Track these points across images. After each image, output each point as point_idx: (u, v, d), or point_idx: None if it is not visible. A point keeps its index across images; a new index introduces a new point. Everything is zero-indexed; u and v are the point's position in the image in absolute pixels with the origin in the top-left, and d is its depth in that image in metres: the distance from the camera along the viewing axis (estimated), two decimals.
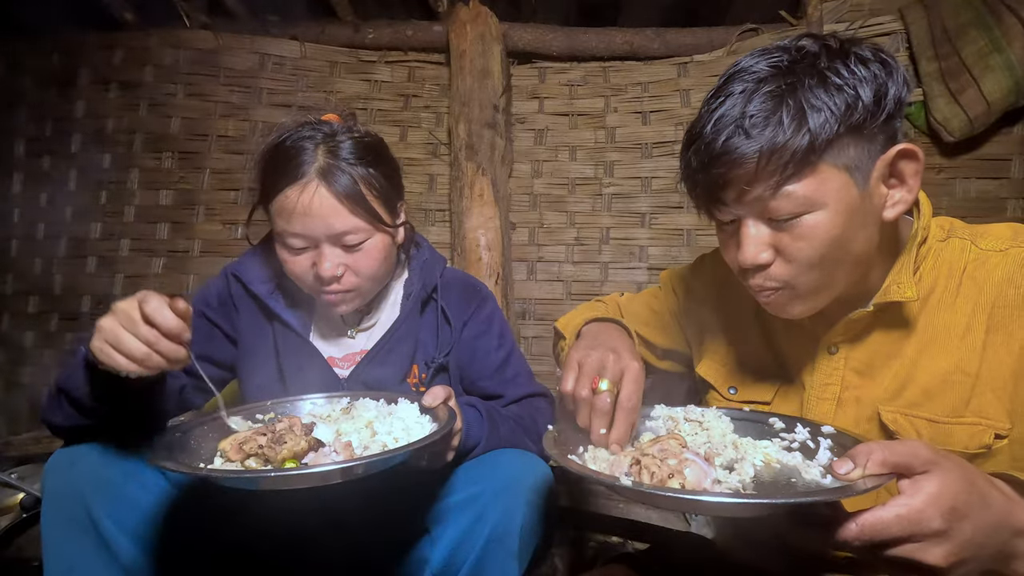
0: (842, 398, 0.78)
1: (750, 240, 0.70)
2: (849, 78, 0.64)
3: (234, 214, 2.15)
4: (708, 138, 0.68)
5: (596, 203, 2.11)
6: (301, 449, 0.70)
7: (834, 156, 0.65)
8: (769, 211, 0.68)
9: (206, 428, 0.77)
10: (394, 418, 0.80)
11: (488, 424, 0.89)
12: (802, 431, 0.72)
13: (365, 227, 0.92)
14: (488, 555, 0.77)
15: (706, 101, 0.72)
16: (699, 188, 0.73)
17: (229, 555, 0.89)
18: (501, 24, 2.05)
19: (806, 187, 0.65)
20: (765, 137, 0.64)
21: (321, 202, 0.88)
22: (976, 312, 0.72)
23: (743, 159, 0.65)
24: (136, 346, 0.68)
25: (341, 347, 1.03)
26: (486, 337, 1.05)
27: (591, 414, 0.71)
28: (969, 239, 0.75)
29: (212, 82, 2.17)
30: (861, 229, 0.69)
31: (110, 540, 0.76)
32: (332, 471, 0.64)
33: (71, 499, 0.76)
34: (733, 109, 0.67)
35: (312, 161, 0.89)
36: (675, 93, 2.08)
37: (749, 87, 0.67)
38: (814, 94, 0.64)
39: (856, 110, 0.64)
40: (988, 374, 0.70)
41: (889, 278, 0.74)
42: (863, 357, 0.78)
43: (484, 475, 0.83)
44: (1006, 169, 1.82)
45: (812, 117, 0.63)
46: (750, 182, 0.67)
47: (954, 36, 1.73)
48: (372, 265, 0.94)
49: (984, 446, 0.69)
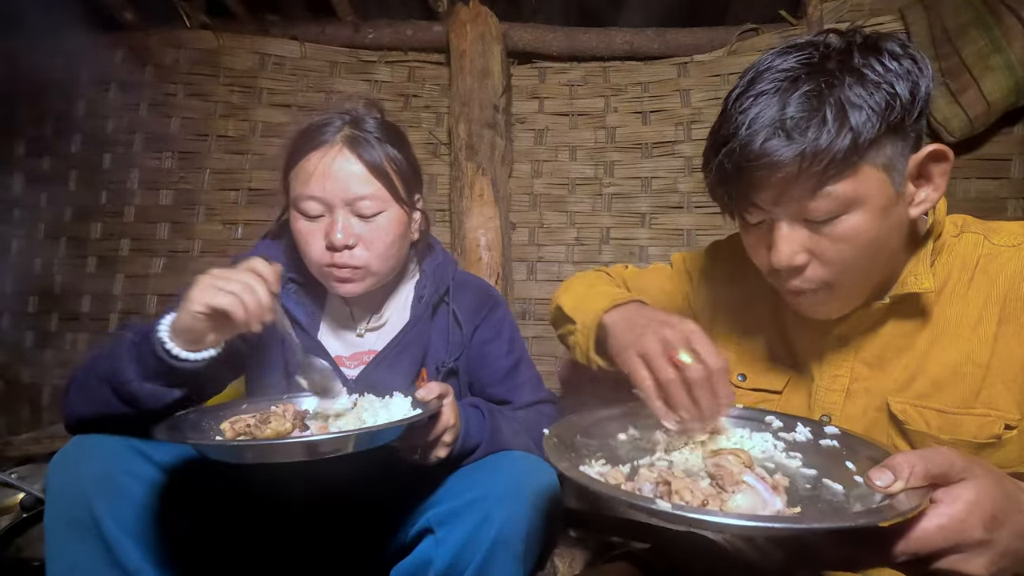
0: (851, 389, 0.78)
1: (784, 242, 0.69)
2: (885, 74, 0.63)
3: (234, 214, 2.15)
4: (743, 140, 0.66)
5: (596, 203, 2.11)
6: (285, 430, 0.76)
7: (874, 155, 0.64)
8: (807, 212, 0.66)
9: (220, 414, 0.81)
10: (384, 410, 0.81)
11: (490, 425, 0.89)
12: (803, 431, 0.71)
13: (383, 196, 0.94)
14: (493, 557, 0.76)
15: (732, 101, 0.69)
16: (732, 191, 0.70)
17: (231, 555, 0.89)
18: (501, 24, 2.05)
19: (846, 187, 0.64)
20: (808, 139, 0.62)
21: (343, 164, 0.92)
22: (988, 304, 0.72)
23: (784, 161, 0.63)
24: (236, 286, 0.72)
25: (349, 346, 1.03)
26: (496, 342, 1.05)
27: (692, 390, 0.65)
28: (982, 234, 0.76)
29: (212, 82, 2.17)
30: (895, 229, 0.69)
31: (112, 541, 0.76)
32: (302, 443, 0.69)
33: (74, 499, 0.76)
34: (769, 109, 0.65)
35: (338, 131, 0.94)
36: (675, 93, 2.08)
37: (784, 86, 0.65)
38: (854, 92, 0.62)
39: (895, 108, 0.63)
40: (999, 365, 0.70)
41: (906, 271, 0.74)
42: (874, 349, 0.78)
43: (490, 477, 0.83)
44: (1006, 169, 1.82)
45: (854, 116, 0.62)
46: (789, 184, 0.65)
47: (954, 36, 1.73)
48: (385, 240, 0.94)
49: (994, 436, 0.69)
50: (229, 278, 0.73)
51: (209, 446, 0.69)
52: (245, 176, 2.15)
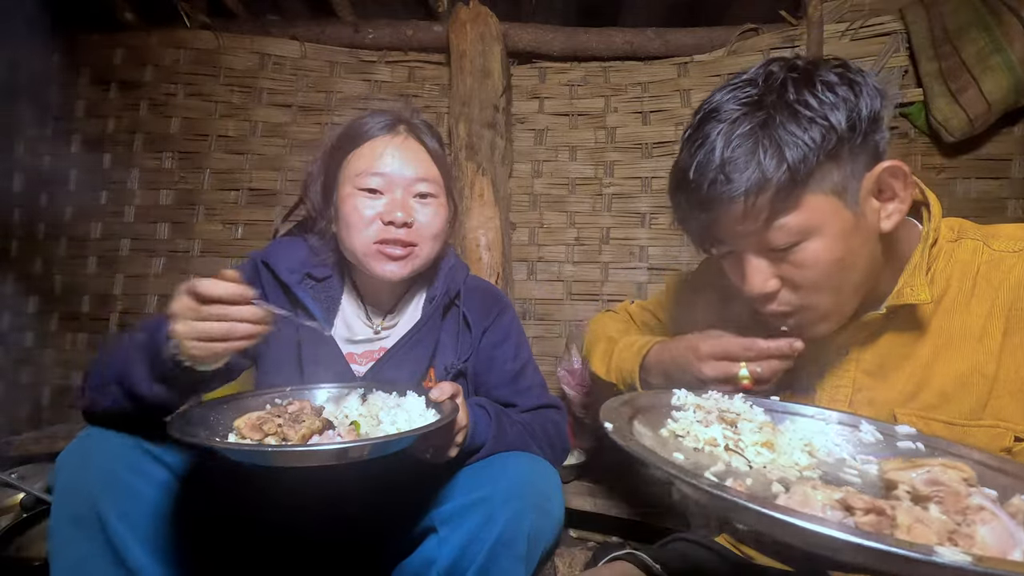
0: (854, 400, 0.78)
1: (754, 271, 0.72)
2: (819, 108, 0.65)
3: (234, 214, 2.15)
4: (693, 184, 0.69)
5: (596, 203, 2.11)
6: (316, 428, 0.74)
7: (818, 184, 0.65)
8: (766, 243, 0.69)
9: (225, 407, 0.80)
10: (400, 409, 0.81)
11: (496, 426, 0.89)
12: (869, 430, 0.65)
13: (439, 182, 1.01)
14: (496, 558, 0.76)
15: (685, 142, 0.73)
16: (693, 228, 0.75)
17: (235, 554, 0.89)
18: (501, 24, 2.05)
19: (797, 218, 0.66)
20: (746, 178, 0.65)
21: (410, 148, 0.99)
22: (992, 314, 0.71)
23: (730, 201, 0.66)
24: (216, 327, 0.69)
25: (361, 344, 1.03)
26: (504, 346, 1.06)
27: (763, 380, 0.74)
28: (981, 240, 0.75)
29: (212, 82, 2.17)
30: (862, 246, 0.69)
31: (117, 540, 0.76)
32: (337, 450, 0.65)
33: (80, 496, 0.76)
34: (712, 153, 0.67)
35: (399, 123, 1.01)
36: (675, 93, 2.08)
37: (724, 128, 0.67)
38: (787, 130, 0.64)
39: (831, 139, 0.64)
40: (1005, 376, 0.69)
41: (901, 280, 0.73)
42: (874, 359, 0.78)
43: (494, 477, 0.83)
44: (1006, 169, 1.81)
45: (789, 152, 0.64)
46: (740, 221, 0.68)
47: (954, 36, 1.73)
48: (436, 225, 0.99)
49: (1004, 449, 0.68)
50: (202, 328, 0.68)
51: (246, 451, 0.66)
52: (245, 176, 2.15)
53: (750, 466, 0.58)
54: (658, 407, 0.69)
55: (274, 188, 2.15)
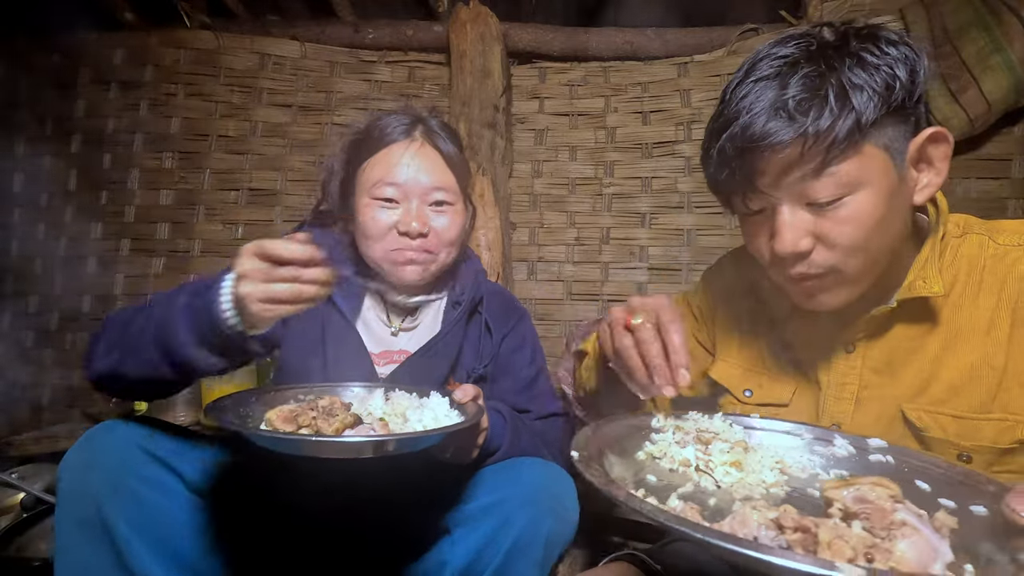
0: (860, 397, 0.77)
1: (788, 228, 0.68)
2: (883, 58, 0.64)
3: (234, 214, 2.15)
4: (744, 123, 0.66)
5: (596, 203, 2.11)
6: (349, 423, 0.75)
7: (877, 136, 0.64)
8: (810, 194, 0.66)
9: (253, 401, 0.80)
10: (425, 409, 0.81)
11: (511, 431, 0.90)
12: (843, 444, 0.67)
13: (455, 189, 1.01)
14: (512, 561, 0.76)
15: (731, 90, 0.70)
16: (734, 176, 0.70)
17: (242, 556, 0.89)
18: (501, 24, 2.05)
19: (850, 167, 0.64)
20: (810, 119, 0.62)
21: (427, 155, 0.99)
22: (1000, 307, 0.71)
23: (786, 142, 0.64)
24: (285, 289, 0.68)
25: (380, 344, 1.04)
26: (521, 352, 1.07)
27: (640, 349, 0.65)
28: (986, 234, 0.75)
29: (212, 82, 2.17)
30: (899, 213, 0.69)
31: (122, 543, 0.75)
32: (375, 442, 0.67)
33: (85, 500, 0.75)
34: (769, 92, 0.65)
35: (416, 127, 1.00)
36: (675, 93, 2.08)
37: (783, 70, 0.65)
38: (855, 74, 0.63)
39: (895, 89, 0.63)
40: (1014, 369, 0.69)
41: (912, 273, 0.73)
42: (881, 355, 0.77)
43: (510, 480, 0.83)
44: (1006, 169, 1.82)
45: (856, 97, 0.62)
46: (792, 166, 0.65)
47: (954, 36, 1.73)
48: (452, 232, 1.00)
49: (1016, 441, 0.68)
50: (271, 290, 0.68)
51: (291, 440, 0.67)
52: (245, 176, 2.15)
53: (718, 486, 0.60)
54: (639, 429, 0.71)
55: (274, 188, 2.15)
